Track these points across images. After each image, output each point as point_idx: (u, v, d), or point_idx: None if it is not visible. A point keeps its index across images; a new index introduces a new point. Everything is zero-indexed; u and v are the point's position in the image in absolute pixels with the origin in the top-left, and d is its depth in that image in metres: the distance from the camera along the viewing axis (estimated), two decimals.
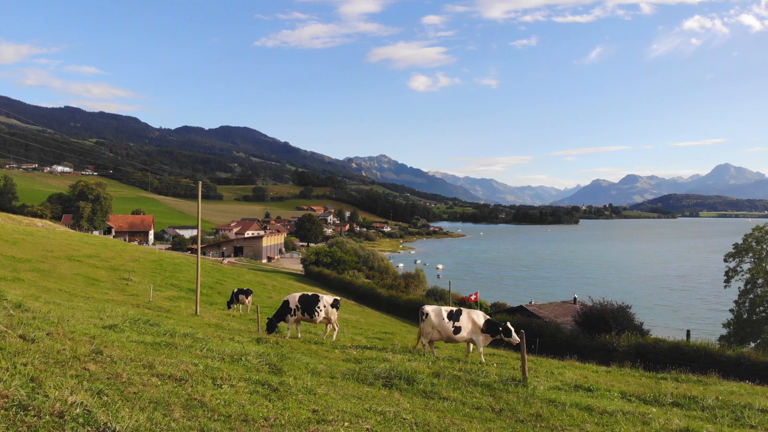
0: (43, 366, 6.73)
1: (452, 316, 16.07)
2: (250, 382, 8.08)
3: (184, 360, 8.58)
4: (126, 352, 8.44)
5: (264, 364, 9.72)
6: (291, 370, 9.78)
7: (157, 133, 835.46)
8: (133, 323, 12.40)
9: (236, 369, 8.84)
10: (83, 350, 7.88)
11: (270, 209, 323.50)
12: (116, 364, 7.60)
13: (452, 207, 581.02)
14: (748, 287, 51.18)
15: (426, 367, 12.27)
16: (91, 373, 6.80)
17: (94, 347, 8.19)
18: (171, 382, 7.14)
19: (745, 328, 49.18)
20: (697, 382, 15.05)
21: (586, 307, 40.86)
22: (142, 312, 17.76)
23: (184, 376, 7.48)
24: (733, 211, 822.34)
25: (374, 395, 8.97)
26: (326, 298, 18.55)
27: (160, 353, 9.11)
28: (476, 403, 9.52)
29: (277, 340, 15.26)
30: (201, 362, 8.67)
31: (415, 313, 55.80)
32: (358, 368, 11.14)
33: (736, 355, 27.22)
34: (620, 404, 10.59)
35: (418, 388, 10.01)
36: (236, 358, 9.87)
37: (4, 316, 8.77)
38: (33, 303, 11.48)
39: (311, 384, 8.63)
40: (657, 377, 15.75)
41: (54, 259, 41.18)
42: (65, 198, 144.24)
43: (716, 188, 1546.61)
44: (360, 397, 8.62)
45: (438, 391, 9.97)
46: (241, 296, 31.48)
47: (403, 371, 10.81)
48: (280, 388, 7.97)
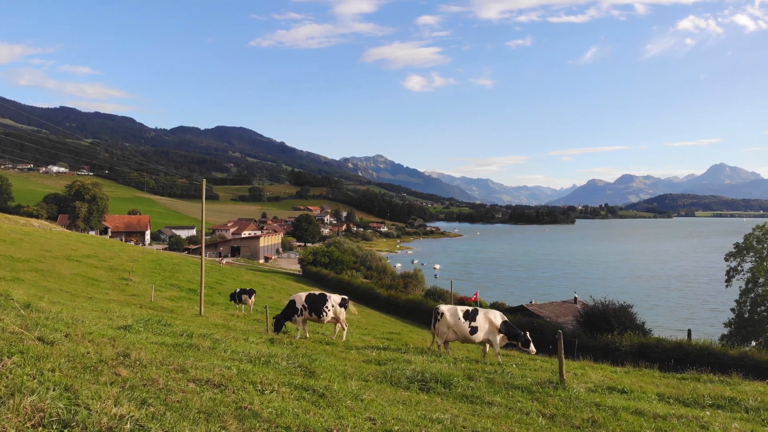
0: (72, 372, 6.25)
1: (468, 316, 15.68)
2: (292, 387, 7.67)
3: (215, 363, 8.15)
4: (152, 355, 7.98)
5: (295, 367, 9.34)
6: (323, 372, 9.43)
7: (153, 133, 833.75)
8: (146, 324, 12.06)
9: (269, 372, 8.45)
10: (108, 353, 7.40)
11: (266, 209, 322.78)
12: (147, 368, 7.13)
13: (449, 207, 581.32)
14: (749, 286, 51.17)
15: (455, 369, 11.87)
16: (124, 380, 6.33)
17: (119, 350, 7.75)
18: (210, 388, 6.71)
19: (746, 327, 49.15)
20: (720, 382, 14.78)
21: (587, 306, 40.86)
22: (150, 312, 17.53)
23: (222, 381, 7.04)
24: (728, 211, 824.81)
25: (417, 400, 8.59)
26: (334, 298, 18.25)
27: (186, 356, 8.70)
28: (523, 408, 9.23)
29: (290, 341, 15.01)
30: (233, 365, 8.25)
31: (415, 313, 56.23)
32: (385, 370, 10.83)
33: (740, 355, 27.21)
34: (664, 407, 10.30)
35: (456, 393, 9.67)
36: (264, 360, 9.48)
37: (14, 317, 8.32)
38: (39, 303, 11.16)
39: (355, 389, 8.26)
40: (677, 377, 15.53)
41: (52, 259, 40.89)
42: (61, 198, 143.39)
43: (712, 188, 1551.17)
44: (404, 403, 8.23)
45: (479, 395, 9.63)
46: (243, 296, 31.31)
47: (438, 374, 10.43)
48: (327, 393, 7.59)
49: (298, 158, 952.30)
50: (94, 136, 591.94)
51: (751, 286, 50.80)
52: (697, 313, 73.04)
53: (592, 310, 37.68)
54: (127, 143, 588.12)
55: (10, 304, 9.57)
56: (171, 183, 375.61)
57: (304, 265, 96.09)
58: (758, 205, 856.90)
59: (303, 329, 18.09)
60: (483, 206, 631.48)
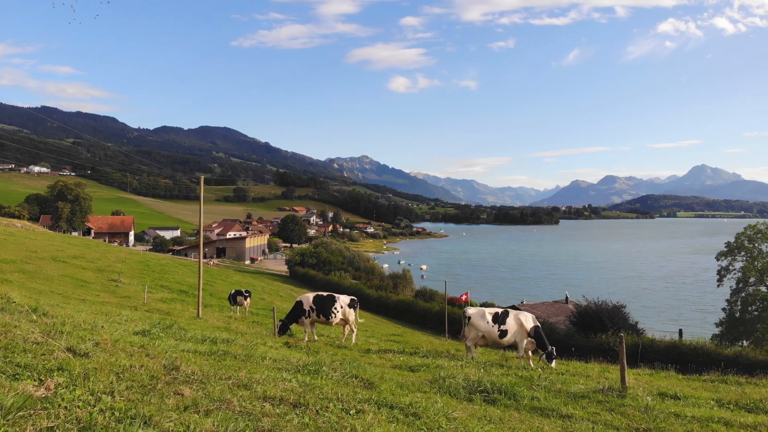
0: (131, 394, 5.37)
1: (498, 319, 15.18)
2: (372, 404, 6.87)
3: (269, 375, 7.45)
4: (199, 367, 7.13)
5: (349, 377, 8.67)
6: (381, 383, 8.68)
7: (136, 133, 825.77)
8: (163, 329, 11.44)
9: (328, 384, 7.72)
10: (155, 366, 6.62)
11: (251, 210, 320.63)
12: (207, 384, 6.36)
13: (434, 208, 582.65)
14: (740, 286, 51.70)
15: (510, 378, 11.24)
16: (195, 401, 5.53)
17: (163, 362, 6.92)
18: (290, 409, 6.01)
19: (737, 326, 49.60)
20: (748, 383, 14.49)
21: (580, 306, 40.96)
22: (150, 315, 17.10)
23: (298, 400, 6.31)
24: (709, 212, 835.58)
25: (500, 416, 7.87)
26: (343, 299, 17.65)
27: (230, 366, 7.95)
28: (607, 421, 8.56)
29: (308, 345, 14.57)
30: (290, 377, 7.58)
31: (406, 314, 56.04)
32: (434, 378, 10.22)
33: (734, 354, 27.34)
34: (741, 415, 9.81)
35: (524, 404, 9.04)
36: (313, 369, 8.78)
37: (27, 322, 7.58)
38: (45, 306, 10.58)
39: (443, 407, 7.42)
40: (701, 379, 15.26)
41: (39, 260, 40.10)
42: (43, 198, 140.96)
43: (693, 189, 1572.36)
44: (490, 420, 7.54)
45: (553, 407, 9.02)
46: (239, 297, 30.84)
47: (497, 384, 9.82)
48: (422, 414, 6.82)
49: (283, 159, 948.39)
50: (76, 136, 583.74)
51: (742, 286, 51.32)
52: (684, 314, 73.55)
53: (586, 310, 37.75)
54: (109, 143, 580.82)
55: (14, 307, 8.97)
56: (154, 183, 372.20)
57: (291, 266, 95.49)
58: (739, 206, 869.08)
59: (310, 332, 17.50)
60: (468, 207, 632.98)
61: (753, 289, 50.46)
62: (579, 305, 42.85)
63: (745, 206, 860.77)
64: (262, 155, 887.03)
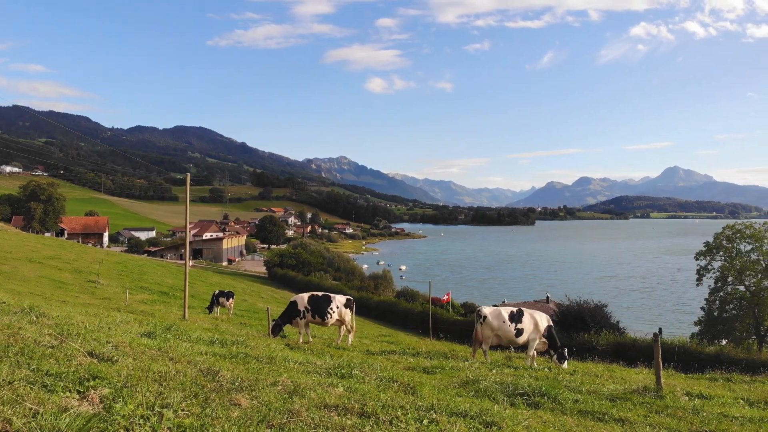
0: (191, 407, 4.86)
1: (514, 318, 14.76)
2: (441, 412, 6.37)
3: (316, 381, 6.95)
4: (233, 372, 6.62)
5: (387, 382, 8.14)
6: (421, 388, 8.14)
7: (110, 132, 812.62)
8: (167, 330, 10.90)
9: (371, 389, 7.23)
10: (192, 372, 6.14)
11: (228, 211, 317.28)
12: (258, 391, 5.85)
13: (413, 209, 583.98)
14: (718, 285, 52.60)
15: (546, 380, 10.76)
16: (261, 415, 5.05)
17: (198, 367, 6.43)
18: (358, 418, 5.58)
19: (716, 325, 50.48)
20: (754, 381, 14.45)
21: (562, 306, 41.35)
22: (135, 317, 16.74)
23: (363, 409, 5.84)
24: (682, 213, 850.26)
25: (561, 423, 7.42)
26: (339, 298, 17.30)
27: (260, 370, 7.47)
28: (664, 424, 8.21)
29: (310, 346, 14.20)
30: (336, 383, 7.13)
31: (387, 315, 55.98)
32: (465, 381, 9.81)
33: (716, 352, 27.80)
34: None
35: (569, 407, 8.56)
36: (344, 373, 8.32)
37: (27, 323, 7.07)
38: (41, 307, 10.20)
39: (511, 414, 7.03)
40: (705, 378, 15.20)
41: (14, 260, 39.20)
42: (15, 199, 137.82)
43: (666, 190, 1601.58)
44: (553, 425, 7.20)
45: (602, 410, 8.56)
46: (221, 299, 30.46)
47: (536, 386, 9.38)
48: (500, 423, 6.40)
49: (260, 159, 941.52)
50: (49, 135, 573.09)
51: (720, 285, 52.23)
52: (662, 314, 74.67)
53: (568, 310, 38.12)
54: (82, 143, 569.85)
55: (6, 308, 8.56)
56: (129, 184, 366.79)
57: (270, 267, 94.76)
58: (711, 207, 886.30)
59: (305, 333, 17.11)
60: (446, 208, 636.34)
61: (731, 288, 51.36)
62: (561, 305, 43.24)
63: (716, 207, 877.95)
64: (238, 155, 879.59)
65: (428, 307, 44.34)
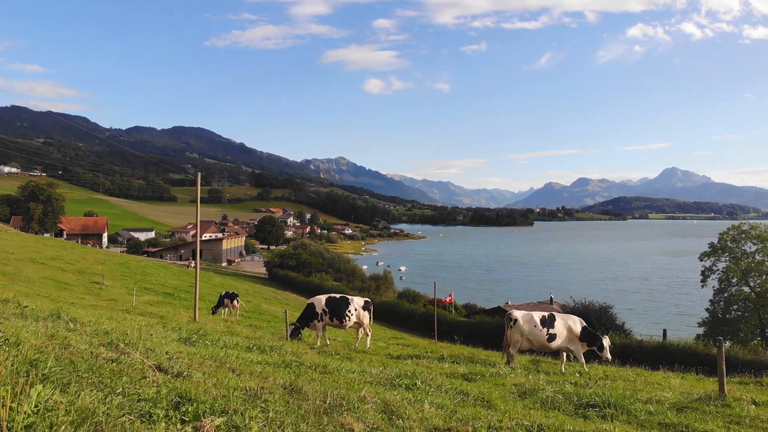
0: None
1: (545, 322, 14.50)
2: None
3: (406, 396, 6.60)
4: (311, 385, 6.28)
5: (457, 394, 7.79)
6: (496, 401, 7.80)
7: (108, 133, 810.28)
8: (200, 337, 10.43)
9: (444, 400, 6.96)
10: (266, 385, 5.76)
11: (227, 211, 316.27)
12: (357, 411, 5.51)
13: (411, 209, 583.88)
14: (723, 286, 52.54)
15: (608, 389, 10.33)
16: None
17: (282, 381, 6.07)
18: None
19: (720, 326, 50.41)
20: (756, 383, 14.39)
21: (567, 307, 41.28)
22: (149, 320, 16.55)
23: (446, 425, 5.48)
24: (680, 214, 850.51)
25: None
26: (357, 301, 16.95)
27: (327, 384, 6.99)
28: None
29: (336, 350, 13.95)
30: (411, 396, 6.71)
31: (389, 316, 55.74)
32: (520, 391, 9.46)
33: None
34: None
35: (643, 419, 8.14)
36: (407, 384, 7.86)
37: (65, 330, 6.59)
38: (68, 312, 9.82)
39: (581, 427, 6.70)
40: (733, 381, 14.81)
41: (16, 261, 38.99)
42: (14, 199, 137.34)
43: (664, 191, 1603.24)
44: None
45: (684, 422, 8.14)
46: (226, 300, 30.33)
47: (604, 396, 8.96)
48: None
49: (259, 159, 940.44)
50: (47, 135, 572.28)
51: (725, 286, 52.16)
52: (664, 316, 74.45)
53: (573, 311, 38.01)
54: (81, 143, 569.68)
55: (32, 313, 8.26)
56: (127, 184, 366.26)
57: (270, 267, 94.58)
58: (709, 208, 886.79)
59: (323, 336, 16.76)
60: (445, 208, 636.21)
61: (735, 289, 51.32)
62: (566, 306, 43.15)
63: (714, 208, 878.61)
64: (237, 156, 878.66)
65: (431, 308, 44.22)
